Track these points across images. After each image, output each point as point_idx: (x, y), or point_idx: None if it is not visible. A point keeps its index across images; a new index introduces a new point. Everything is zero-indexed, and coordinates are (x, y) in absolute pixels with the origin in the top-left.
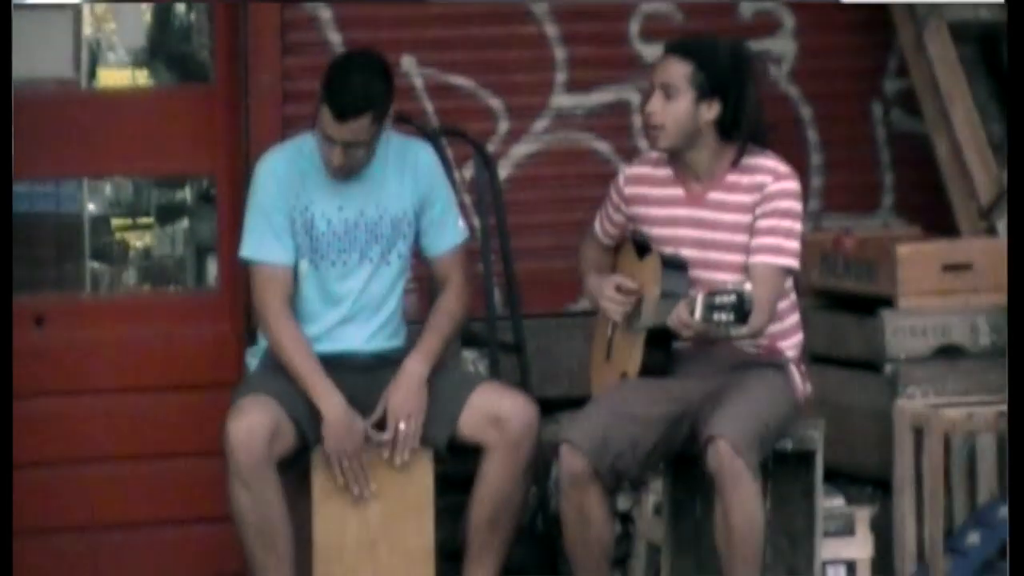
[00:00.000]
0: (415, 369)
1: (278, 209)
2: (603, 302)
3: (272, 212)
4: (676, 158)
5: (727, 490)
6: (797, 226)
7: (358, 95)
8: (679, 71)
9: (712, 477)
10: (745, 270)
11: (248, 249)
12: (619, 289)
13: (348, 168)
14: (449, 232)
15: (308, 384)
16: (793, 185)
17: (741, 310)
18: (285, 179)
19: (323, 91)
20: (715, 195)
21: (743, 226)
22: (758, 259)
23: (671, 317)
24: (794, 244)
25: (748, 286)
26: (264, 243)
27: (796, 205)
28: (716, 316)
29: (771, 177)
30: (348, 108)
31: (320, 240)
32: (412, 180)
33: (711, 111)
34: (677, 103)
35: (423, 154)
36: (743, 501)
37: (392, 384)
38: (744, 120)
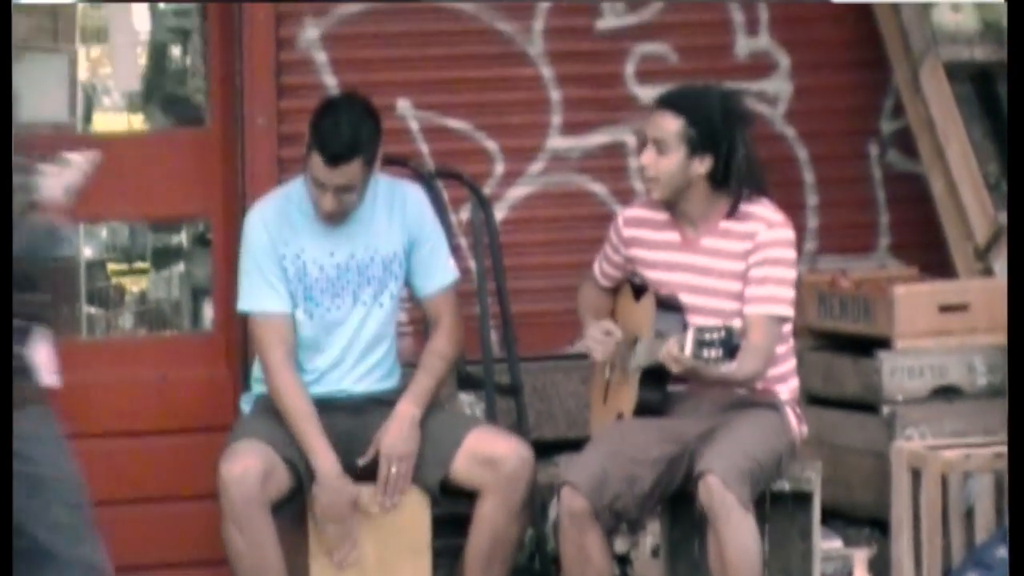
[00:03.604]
0: (407, 411)
1: (270, 258)
2: (587, 341)
3: (265, 262)
4: (671, 205)
5: (720, 524)
6: (791, 274)
7: (348, 140)
8: (670, 127)
9: (704, 512)
10: (740, 317)
11: (245, 302)
12: (607, 333)
13: (340, 213)
14: (439, 272)
15: (305, 441)
16: (786, 233)
17: (729, 345)
18: (275, 228)
19: (312, 137)
20: (709, 242)
21: (737, 273)
22: (753, 309)
23: (662, 352)
24: (788, 292)
25: (737, 323)
26: (260, 294)
27: (789, 253)
28: (705, 353)
29: (764, 225)
30: (339, 153)
31: (313, 287)
32: (401, 220)
33: (703, 165)
34: (668, 158)
35: (411, 194)
36: (736, 534)
37: (384, 426)
38: (734, 172)
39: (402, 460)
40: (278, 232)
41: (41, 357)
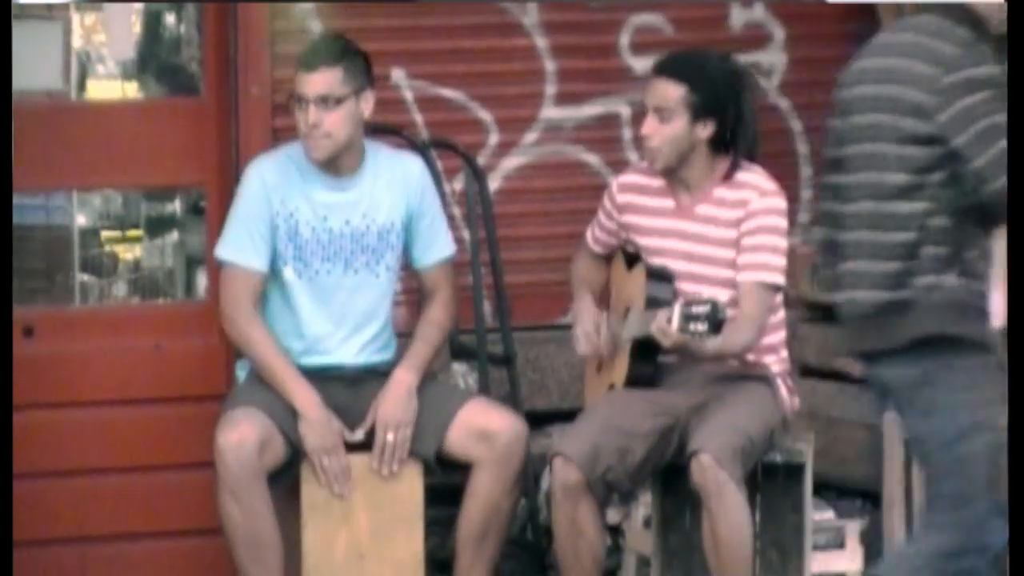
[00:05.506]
0: (404, 379)
1: (261, 216)
2: (577, 330)
3: (255, 218)
4: (669, 171)
5: (712, 503)
6: (783, 242)
7: (327, 45)
8: (672, 94)
9: (697, 491)
10: (731, 285)
11: (225, 250)
12: (598, 329)
13: (324, 134)
14: (439, 245)
15: (282, 383)
16: (778, 202)
17: (714, 320)
18: (272, 183)
19: (296, 62)
20: (703, 209)
21: (729, 241)
22: (745, 276)
23: (652, 326)
24: (780, 260)
25: (723, 296)
26: (241, 246)
27: (781, 222)
28: (692, 326)
29: (756, 194)
30: (317, 57)
31: (304, 248)
32: (403, 192)
33: (706, 130)
34: (672, 125)
35: (414, 167)
36: (729, 513)
37: (381, 394)
38: (741, 136)
39: (399, 427)
40: (275, 188)
41: None
